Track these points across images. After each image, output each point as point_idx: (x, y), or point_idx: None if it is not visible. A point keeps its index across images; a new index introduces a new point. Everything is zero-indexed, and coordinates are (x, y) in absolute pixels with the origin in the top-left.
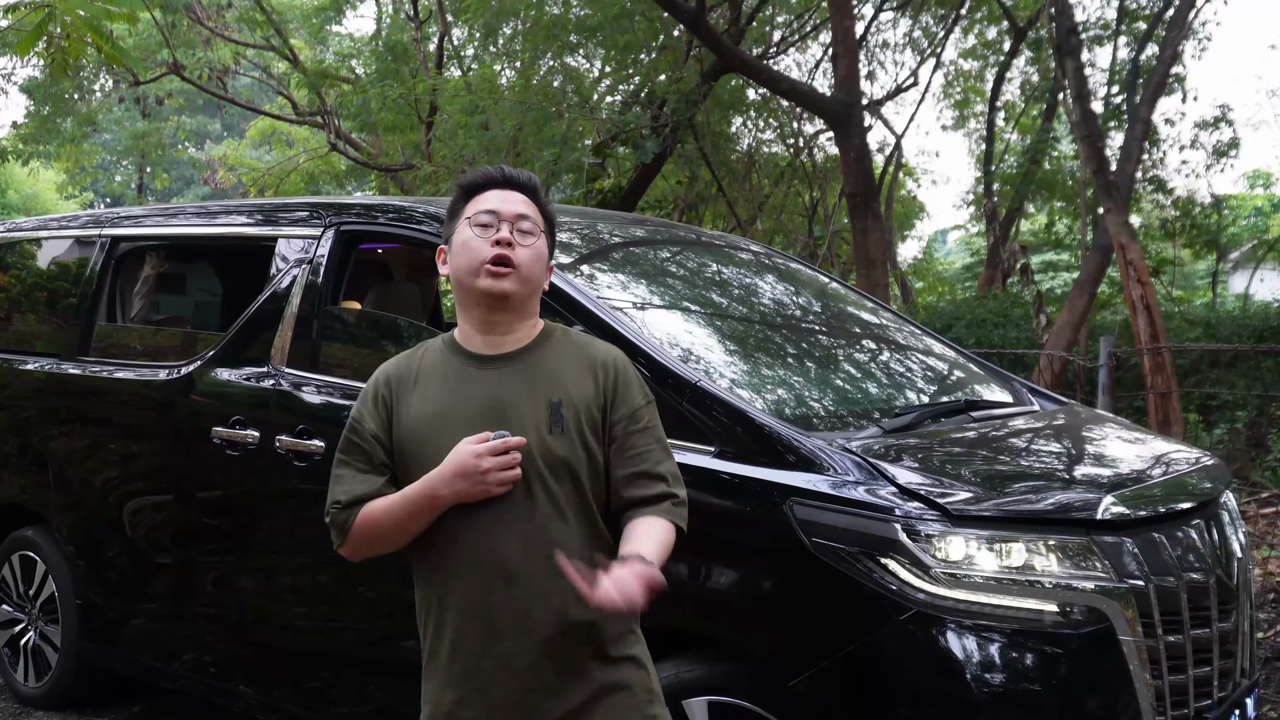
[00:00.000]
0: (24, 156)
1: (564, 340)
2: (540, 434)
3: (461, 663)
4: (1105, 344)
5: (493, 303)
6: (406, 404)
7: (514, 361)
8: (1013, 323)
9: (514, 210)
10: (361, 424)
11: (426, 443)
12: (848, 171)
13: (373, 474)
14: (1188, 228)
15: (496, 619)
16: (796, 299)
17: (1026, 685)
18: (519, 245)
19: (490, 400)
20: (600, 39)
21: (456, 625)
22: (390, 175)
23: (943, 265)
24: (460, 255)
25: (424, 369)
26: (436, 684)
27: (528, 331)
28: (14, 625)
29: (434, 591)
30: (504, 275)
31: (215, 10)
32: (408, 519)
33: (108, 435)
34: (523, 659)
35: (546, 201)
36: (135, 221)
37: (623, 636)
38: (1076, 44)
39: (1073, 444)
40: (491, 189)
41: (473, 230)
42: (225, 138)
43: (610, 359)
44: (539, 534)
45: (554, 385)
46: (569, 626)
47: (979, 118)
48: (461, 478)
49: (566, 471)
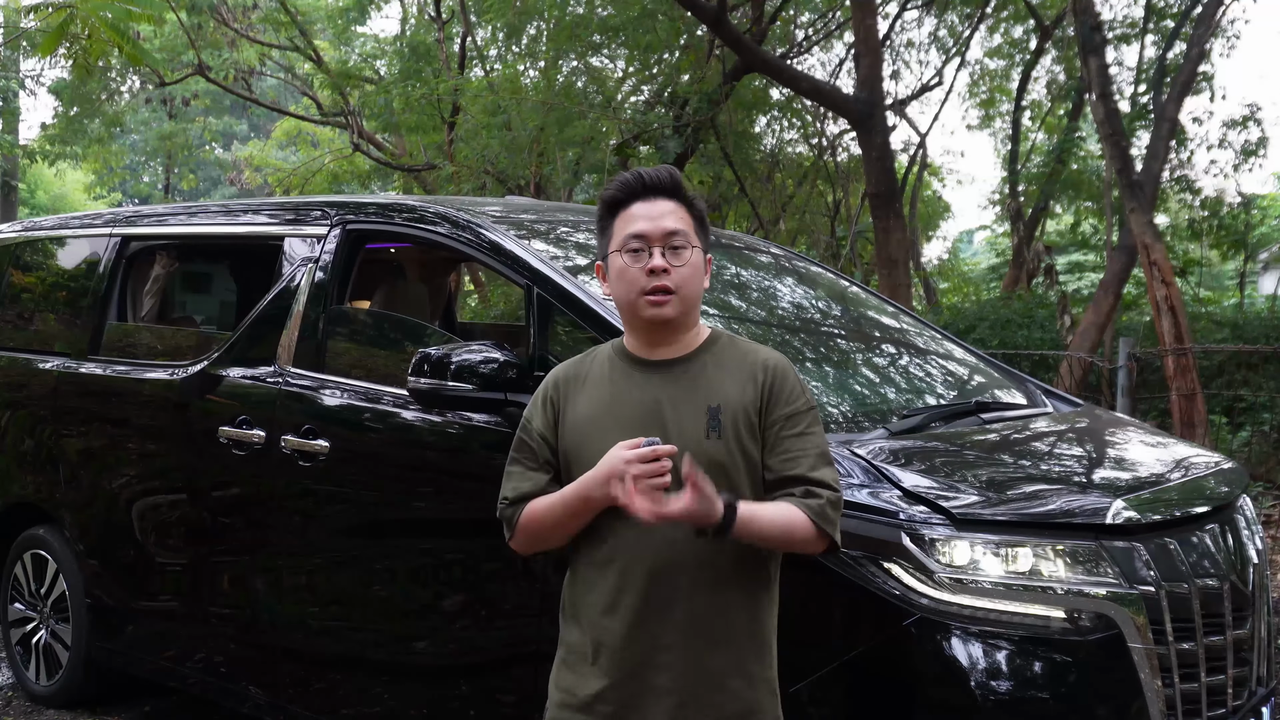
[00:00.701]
0: (51, 158)
1: (729, 346)
2: (697, 439)
3: (603, 657)
4: (1124, 345)
5: (657, 328)
6: (573, 405)
7: (677, 367)
8: (1037, 324)
9: (662, 228)
10: (530, 423)
11: (586, 444)
12: (870, 171)
13: (538, 472)
14: (1216, 228)
15: (642, 617)
16: (812, 302)
17: (1033, 693)
18: (674, 266)
19: (650, 404)
20: (623, 39)
21: (599, 621)
22: (413, 175)
23: (968, 266)
24: (617, 285)
25: (592, 372)
26: (576, 674)
27: (693, 338)
28: (26, 624)
29: (579, 586)
30: (664, 303)
31: (241, 11)
32: (566, 518)
33: (116, 435)
34: (663, 658)
35: (693, 196)
36: (144, 221)
37: (763, 652)
38: (1100, 42)
39: (1084, 447)
40: (635, 201)
41: (625, 259)
42: (251, 138)
43: (772, 362)
44: (687, 539)
45: (714, 391)
46: (712, 634)
47: (1004, 117)
48: (612, 482)
49: (722, 476)
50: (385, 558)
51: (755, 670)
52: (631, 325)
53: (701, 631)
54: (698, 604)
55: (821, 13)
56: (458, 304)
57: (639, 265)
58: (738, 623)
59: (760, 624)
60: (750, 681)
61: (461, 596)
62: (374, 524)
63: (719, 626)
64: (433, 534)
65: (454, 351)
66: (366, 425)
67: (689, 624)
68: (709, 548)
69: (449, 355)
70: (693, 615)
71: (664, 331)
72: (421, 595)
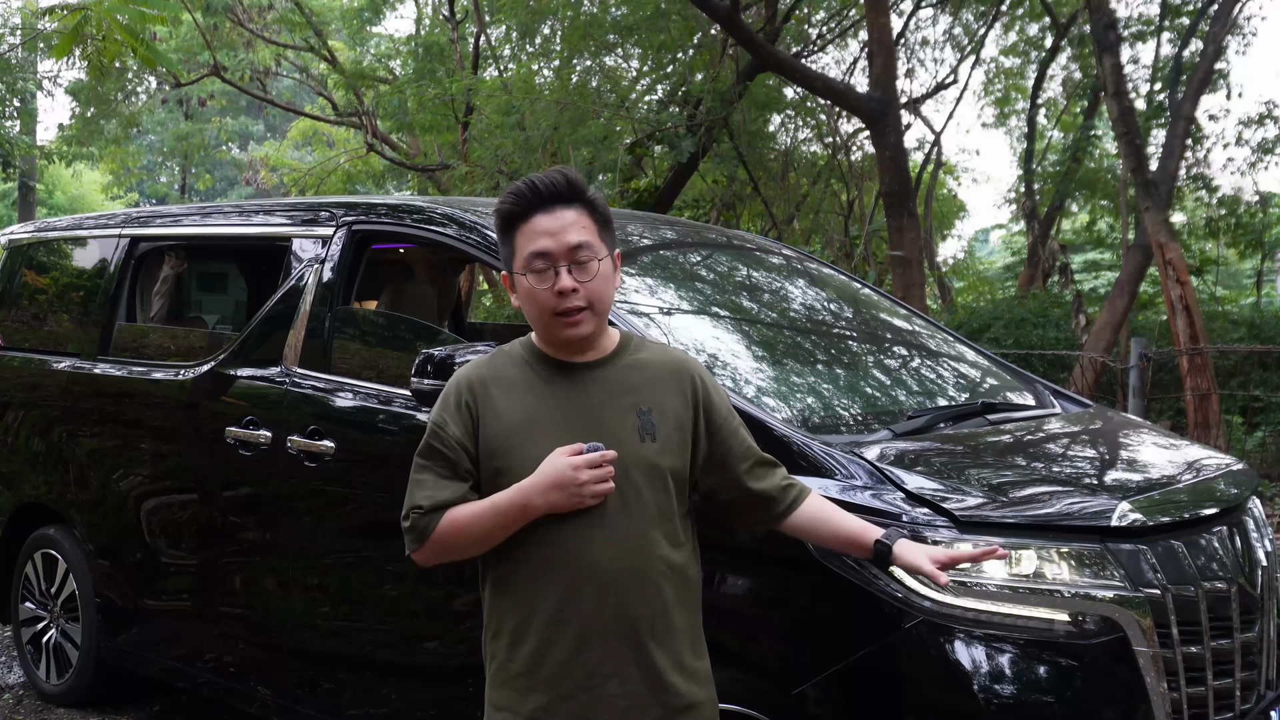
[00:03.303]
0: (68, 158)
1: (642, 348)
2: (631, 443)
3: (548, 669)
4: (1136, 345)
5: (574, 344)
6: (492, 410)
7: (597, 370)
8: (1052, 323)
9: (565, 244)
10: (445, 429)
11: (514, 451)
12: (884, 170)
13: (456, 480)
14: (1232, 226)
15: (587, 626)
16: (822, 304)
17: (1037, 697)
18: (582, 283)
19: (580, 408)
20: (636, 38)
21: (542, 632)
22: (427, 175)
23: (984, 264)
24: (527, 305)
25: (507, 375)
26: (515, 690)
27: (607, 341)
28: (37, 623)
29: (514, 597)
30: (579, 322)
31: (256, 12)
32: (496, 527)
33: (126, 435)
34: (611, 665)
35: (593, 195)
36: (154, 221)
37: (697, 644)
38: (1115, 40)
39: (1091, 448)
40: (534, 213)
41: (530, 280)
42: (267, 139)
43: (692, 368)
44: (630, 542)
45: (640, 393)
46: (655, 633)
47: (1019, 115)
48: (556, 489)
49: (657, 478)
50: (391, 558)
51: (692, 663)
52: (546, 340)
53: (646, 632)
54: (640, 605)
55: (835, 11)
56: (472, 304)
57: (545, 286)
58: (676, 620)
59: (694, 617)
60: (689, 675)
61: (468, 596)
62: (380, 524)
63: (660, 626)
64: None
65: (456, 353)
66: (372, 426)
67: (634, 626)
68: (648, 550)
69: (451, 356)
70: (636, 617)
71: (581, 346)
72: (429, 595)
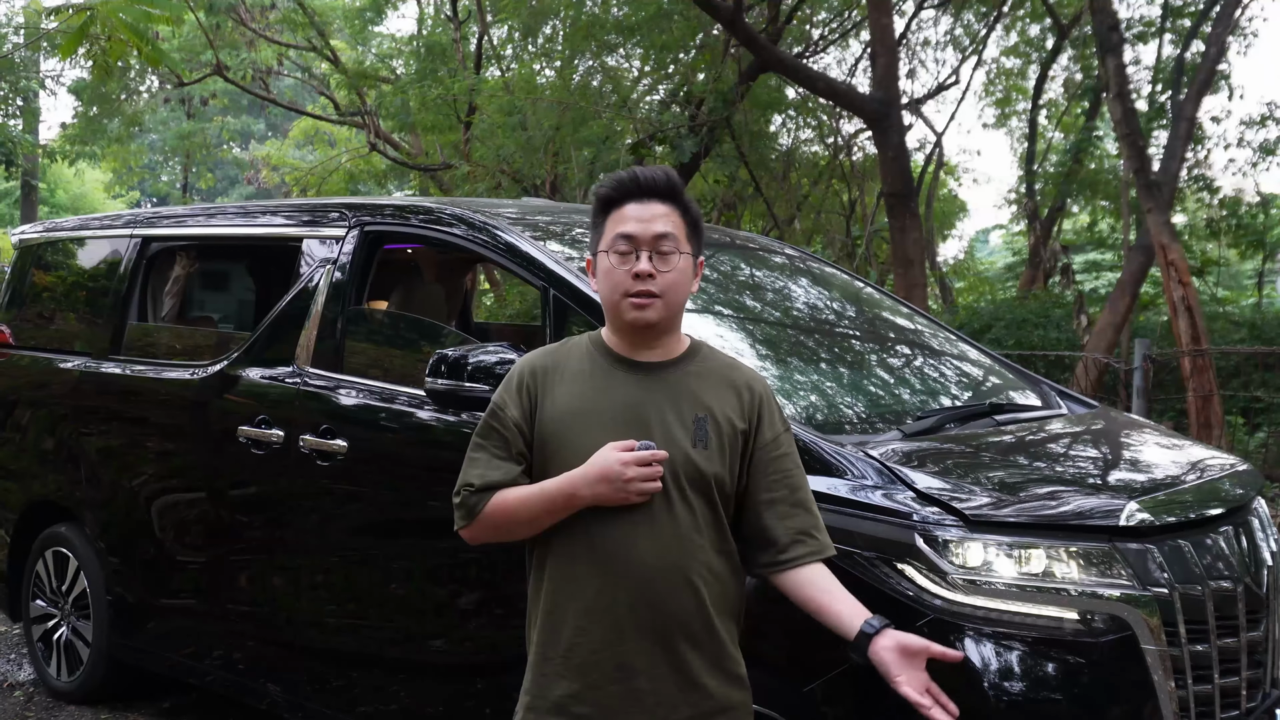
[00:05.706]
0: (71, 157)
1: (710, 357)
2: (682, 447)
3: (580, 658)
4: (1140, 346)
5: (639, 330)
6: (552, 397)
7: (660, 371)
8: (1053, 324)
9: (651, 231)
10: (504, 410)
11: (566, 439)
12: (885, 171)
13: (509, 462)
14: (1234, 227)
15: (622, 620)
16: (827, 303)
17: (1045, 694)
18: (659, 271)
19: (634, 405)
20: (638, 38)
21: (579, 621)
22: (429, 175)
23: (985, 265)
24: (603, 283)
25: (570, 364)
26: (547, 675)
27: (676, 344)
28: (47, 620)
29: (557, 585)
30: (647, 307)
31: (259, 12)
32: (543, 513)
33: (137, 434)
34: (642, 661)
35: (688, 200)
36: (165, 222)
37: (735, 649)
38: (1117, 41)
39: (1098, 449)
40: (628, 201)
41: (612, 260)
42: (269, 138)
43: (756, 383)
44: (673, 543)
45: (698, 401)
46: (691, 634)
47: (1021, 116)
48: (604, 482)
49: (705, 484)
50: (402, 556)
51: (729, 666)
52: (614, 324)
53: (681, 633)
54: (677, 606)
55: (837, 12)
56: (474, 303)
57: (625, 267)
58: (715, 623)
59: (732, 620)
60: (725, 678)
61: (478, 594)
62: (391, 523)
63: (697, 628)
64: (449, 533)
65: (470, 353)
66: (384, 425)
67: (668, 626)
68: (690, 553)
69: (465, 356)
70: (672, 617)
71: (646, 335)
72: (438, 593)
